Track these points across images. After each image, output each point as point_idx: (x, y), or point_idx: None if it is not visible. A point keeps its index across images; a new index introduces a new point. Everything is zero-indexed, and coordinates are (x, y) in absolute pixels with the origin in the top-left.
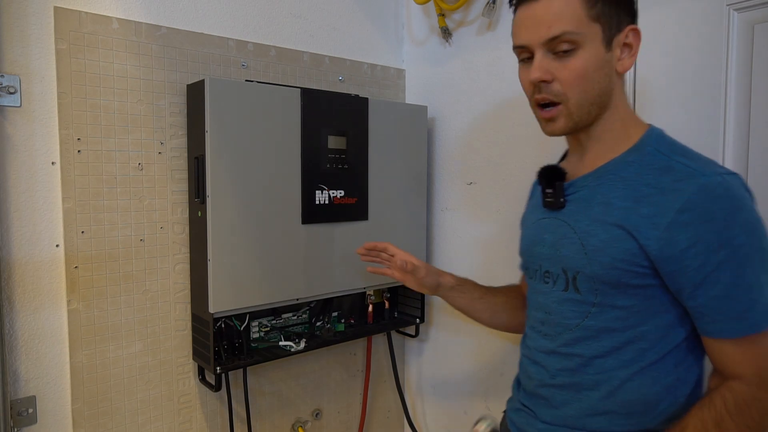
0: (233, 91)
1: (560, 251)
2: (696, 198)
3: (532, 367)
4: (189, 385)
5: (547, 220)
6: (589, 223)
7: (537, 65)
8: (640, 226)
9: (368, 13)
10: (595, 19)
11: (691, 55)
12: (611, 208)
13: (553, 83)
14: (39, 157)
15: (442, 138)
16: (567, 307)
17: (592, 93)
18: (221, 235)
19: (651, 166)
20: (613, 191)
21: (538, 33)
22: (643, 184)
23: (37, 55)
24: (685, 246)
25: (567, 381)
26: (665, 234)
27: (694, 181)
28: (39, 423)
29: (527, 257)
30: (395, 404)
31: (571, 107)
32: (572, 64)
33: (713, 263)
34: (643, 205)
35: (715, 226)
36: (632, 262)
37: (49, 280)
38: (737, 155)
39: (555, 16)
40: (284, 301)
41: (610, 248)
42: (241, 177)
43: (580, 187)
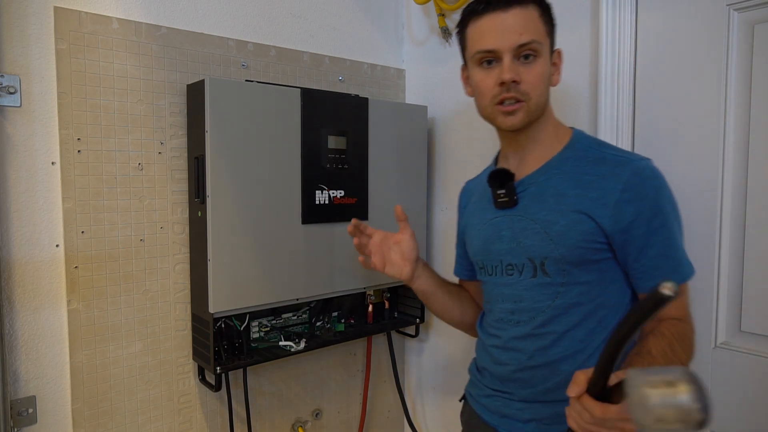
0: (233, 91)
1: (523, 242)
2: (633, 179)
3: (505, 355)
4: (189, 385)
5: (501, 218)
6: (547, 213)
7: (508, 67)
8: (593, 208)
9: (368, 13)
10: (548, 35)
11: (691, 55)
12: (565, 197)
13: (521, 84)
14: (39, 157)
15: (442, 138)
16: (537, 291)
17: (544, 96)
18: (221, 235)
19: (586, 159)
20: (562, 183)
21: (509, 39)
22: (584, 173)
23: (37, 55)
24: (631, 219)
25: (543, 360)
26: (614, 211)
27: (628, 167)
28: (39, 423)
29: (483, 256)
30: (395, 404)
31: (531, 106)
32: (535, 69)
33: (651, 229)
34: (589, 191)
35: (649, 200)
36: (591, 240)
37: (49, 280)
38: (737, 155)
39: (524, 26)
40: (284, 301)
41: (572, 231)
42: (241, 177)
43: (528, 184)
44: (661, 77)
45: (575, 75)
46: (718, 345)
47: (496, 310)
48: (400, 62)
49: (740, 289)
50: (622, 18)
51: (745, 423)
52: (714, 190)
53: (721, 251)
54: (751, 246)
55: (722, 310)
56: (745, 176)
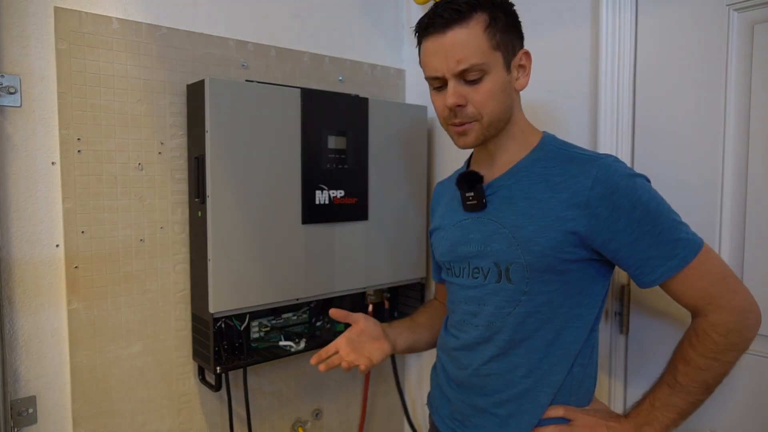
0: (233, 91)
1: (490, 246)
2: (600, 175)
3: (464, 358)
4: (189, 385)
5: (470, 221)
6: (516, 217)
7: (452, 92)
8: (563, 211)
9: (368, 13)
10: (496, 48)
11: (691, 55)
12: (534, 201)
13: (467, 106)
14: (39, 157)
15: (442, 138)
16: (500, 297)
17: (500, 110)
18: (221, 235)
19: (556, 159)
20: (532, 186)
21: (449, 65)
22: (554, 174)
23: (37, 55)
24: (607, 214)
25: (498, 367)
26: (586, 210)
27: (594, 163)
28: (39, 423)
29: (450, 257)
30: (395, 404)
31: (484, 123)
32: (482, 88)
33: (635, 221)
34: (559, 192)
35: (622, 192)
36: (560, 248)
37: (49, 280)
38: (737, 155)
39: (462, 49)
40: (284, 301)
41: (541, 237)
42: (241, 177)
43: (497, 187)
44: (661, 77)
45: (575, 75)
46: None
47: (458, 311)
48: (400, 62)
49: None
50: (622, 18)
51: (745, 423)
52: (714, 190)
53: (721, 252)
54: (750, 246)
55: None
56: (745, 176)
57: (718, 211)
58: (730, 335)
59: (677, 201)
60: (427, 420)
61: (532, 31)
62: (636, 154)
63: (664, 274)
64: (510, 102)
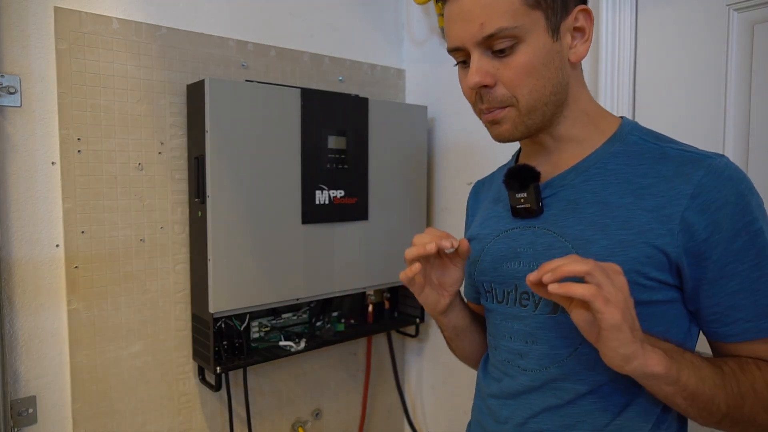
0: (233, 91)
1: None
2: (707, 182)
3: (504, 410)
4: (189, 385)
5: (519, 231)
6: (583, 228)
7: (475, 68)
8: (649, 224)
9: (368, 13)
10: (535, 6)
11: (691, 55)
12: (610, 207)
13: (497, 87)
14: (39, 157)
15: (442, 138)
16: (556, 333)
17: (545, 91)
18: (221, 235)
19: (642, 155)
20: (606, 187)
21: (470, 32)
22: (639, 175)
23: (37, 55)
24: (704, 236)
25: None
26: (679, 226)
27: (701, 165)
28: (39, 423)
29: (491, 277)
30: (395, 404)
31: (522, 110)
32: (515, 61)
33: (731, 253)
34: (645, 199)
35: (731, 211)
36: (642, 272)
37: (49, 280)
38: (737, 155)
39: (486, 9)
40: (284, 301)
41: (617, 257)
42: (241, 177)
43: (558, 187)
44: (661, 77)
45: None
46: None
47: (501, 349)
48: (400, 62)
49: None
50: (622, 18)
51: None
52: None
53: None
54: None
55: None
56: None
57: None
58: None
59: None
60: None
61: None
62: None
63: (747, 332)
64: (561, 78)
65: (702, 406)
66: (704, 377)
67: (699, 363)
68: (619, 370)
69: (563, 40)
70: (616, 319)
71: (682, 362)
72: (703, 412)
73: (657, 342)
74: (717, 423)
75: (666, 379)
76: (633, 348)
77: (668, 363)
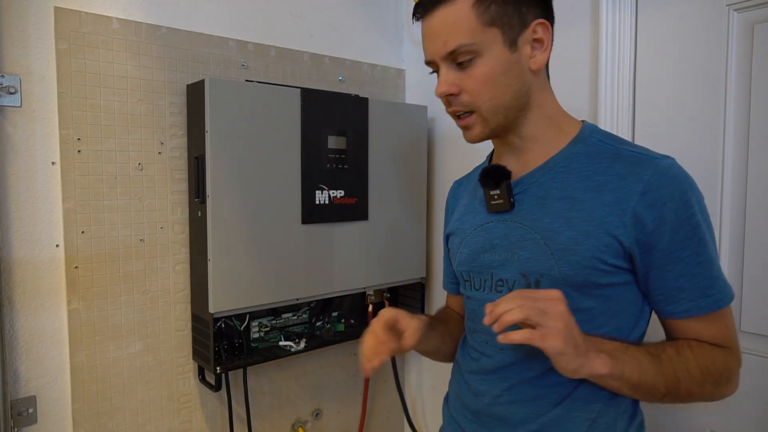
0: (233, 91)
1: (518, 254)
2: (654, 180)
3: (483, 384)
4: (189, 385)
5: (493, 224)
6: (551, 221)
7: (442, 79)
8: (608, 216)
9: (368, 13)
10: (490, 24)
11: (691, 55)
12: (574, 202)
13: (461, 95)
14: (39, 157)
15: (442, 138)
16: None
17: (504, 97)
18: (221, 235)
19: (601, 155)
20: (570, 184)
21: (437, 48)
22: (598, 173)
23: (37, 55)
24: (652, 228)
25: (524, 393)
26: (631, 219)
27: (649, 165)
28: (39, 423)
29: (469, 267)
30: (395, 404)
31: (484, 114)
32: (476, 72)
33: (676, 242)
34: (604, 194)
35: (675, 206)
36: (602, 259)
37: (49, 280)
38: (737, 155)
39: (448, 29)
40: (284, 301)
41: (580, 246)
42: (241, 177)
43: (528, 184)
44: (661, 77)
45: (575, 75)
46: None
47: (480, 332)
48: (400, 62)
49: (740, 289)
50: (622, 18)
51: (745, 423)
52: (714, 190)
53: (720, 251)
54: (750, 246)
55: None
56: (745, 176)
57: (717, 211)
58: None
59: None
60: (426, 419)
61: None
62: None
63: (690, 310)
64: (521, 85)
65: (644, 392)
66: (645, 369)
67: (640, 357)
68: (571, 377)
69: (522, 51)
70: (557, 348)
71: (624, 360)
72: (646, 395)
73: (603, 344)
74: (659, 401)
75: (611, 377)
76: (578, 362)
77: (612, 364)
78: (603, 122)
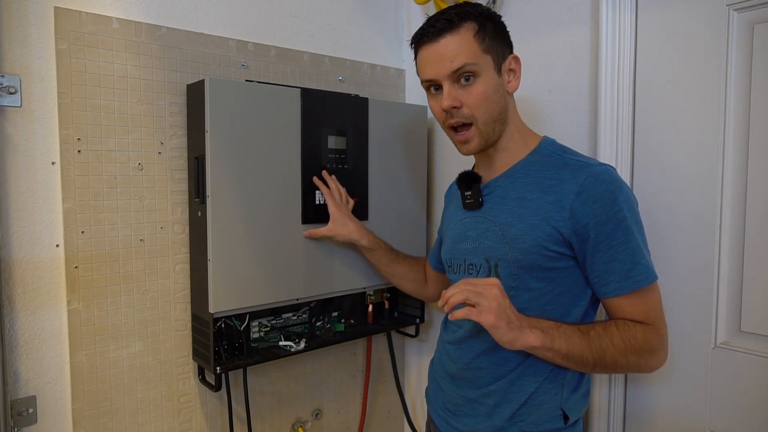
0: (233, 91)
1: (483, 243)
2: (587, 183)
3: (457, 351)
4: (189, 385)
5: (468, 219)
6: (507, 216)
7: (447, 94)
8: (551, 212)
9: (368, 13)
10: (486, 52)
11: (691, 55)
12: (525, 201)
13: (462, 108)
14: (39, 157)
15: (442, 138)
16: None
17: (494, 112)
18: (221, 235)
19: (551, 164)
20: (525, 187)
21: (443, 67)
22: (547, 178)
23: (37, 55)
24: (585, 221)
25: (488, 361)
26: (569, 214)
27: (585, 171)
28: (39, 423)
29: (451, 254)
30: (395, 404)
31: (480, 126)
32: (475, 90)
33: (604, 233)
34: (549, 194)
35: (603, 204)
36: (545, 246)
37: (49, 280)
38: (737, 155)
39: (455, 51)
40: (284, 301)
41: (527, 235)
42: (241, 177)
43: (494, 187)
44: (661, 77)
45: (575, 75)
46: (718, 345)
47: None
48: (400, 62)
49: (740, 289)
50: (622, 18)
51: (745, 423)
52: (714, 190)
53: (720, 251)
54: (751, 246)
55: (722, 310)
56: (745, 176)
57: (717, 211)
58: (645, 352)
59: (677, 201)
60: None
61: (532, 31)
62: (636, 153)
63: (617, 290)
64: (504, 104)
65: (576, 361)
66: (573, 343)
67: (570, 333)
68: (509, 348)
69: (504, 77)
70: (490, 322)
71: (555, 335)
72: (578, 364)
73: (539, 323)
74: (590, 370)
75: (543, 348)
76: (512, 335)
77: (543, 338)
78: (603, 122)
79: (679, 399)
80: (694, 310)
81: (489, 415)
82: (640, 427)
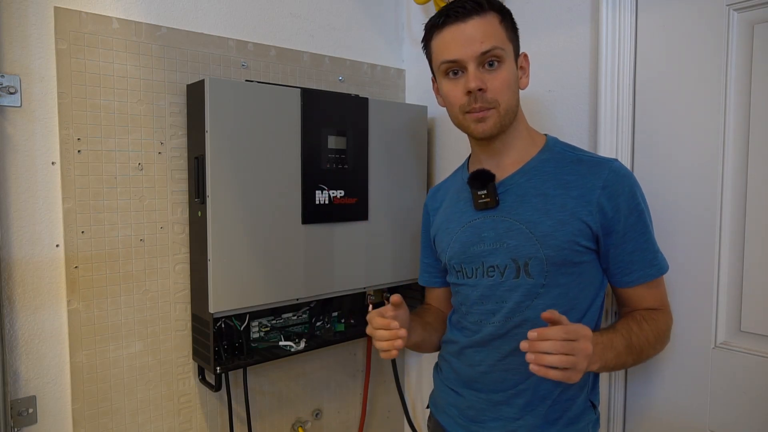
0: (233, 91)
1: (506, 243)
2: (610, 178)
3: (478, 354)
4: (189, 385)
5: (481, 220)
6: (531, 213)
7: (473, 76)
8: (577, 207)
9: (368, 13)
10: (510, 40)
11: (691, 55)
12: (548, 197)
13: (487, 92)
14: (39, 157)
15: (442, 138)
16: (519, 292)
17: (513, 101)
18: (221, 235)
19: (565, 160)
20: (544, 183)
21: (472, 48)
22: (565, 173)
23: (37, 55)
24: (611, 215)
25: (517, 360)
26: (596, 207)
27: (605, 166)
28: (39, 423)
29: (461, 258)
30: (395, 404)
31: (501, 111)
32: (500, 75)
33: (629, 225)
34: (571, 189)
35: (626, 197)
36: (576, 241)
37: (49, 280)
38: (737, 155)
39: (485, 33)
40: (284, 301)
41: (559, 232)
42: (241, 177)
43: (509, 185)
44: (661, 77)
45: (575, 75)
46: (718, 345)
47: (473, 312)
48: (400, 62)
49: (740, 289)
50: (622, 18)
51: (745, 423)
52: (714, 190)
53: (721, 251)
54: (751, 246)
55: (722, 310)
56: (745, 176)
57: (717, 210)
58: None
59: (677, 200)
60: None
61: (533, 30)
62: (636, 153)
63: (641, 278)
64: (517, 96)
65: (617, 367)
66: (620, 353)
67: (617, 344)
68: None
69: (518, 71)
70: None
71: (607, 351)
72: (616, 368)
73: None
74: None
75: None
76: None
77: (601, 362)
78: (603, 122)
79: (679, 398)
80: (694, 310)
81: (519, 416)
82: (640, 426)
